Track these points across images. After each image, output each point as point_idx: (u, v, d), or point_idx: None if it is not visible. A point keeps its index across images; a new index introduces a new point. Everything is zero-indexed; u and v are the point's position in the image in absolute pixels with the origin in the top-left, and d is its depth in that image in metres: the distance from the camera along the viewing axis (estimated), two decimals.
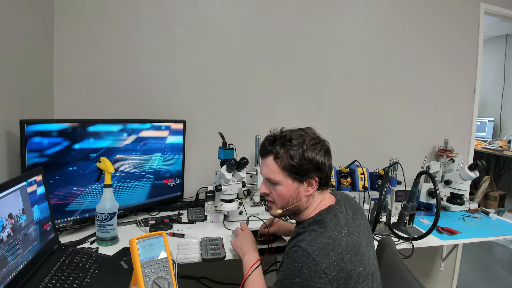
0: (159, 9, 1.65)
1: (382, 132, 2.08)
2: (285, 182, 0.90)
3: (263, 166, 0.94)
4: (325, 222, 0.86)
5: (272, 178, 0.91)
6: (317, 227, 0.85)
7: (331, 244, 0.80)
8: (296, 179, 0.90)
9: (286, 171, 0.89)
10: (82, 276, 0.91)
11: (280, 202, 0.94)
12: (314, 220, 0.89)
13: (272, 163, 0.90)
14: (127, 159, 1.42)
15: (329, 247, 0.79)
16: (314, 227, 0.86)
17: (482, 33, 2.22)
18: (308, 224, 0.89)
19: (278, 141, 0.90)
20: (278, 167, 0.89)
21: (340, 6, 1.94)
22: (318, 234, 0.83)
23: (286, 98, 1.89)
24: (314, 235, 0.83)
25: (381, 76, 2.05)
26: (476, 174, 1.71)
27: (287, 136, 0.90)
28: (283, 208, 0.94)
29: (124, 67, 1.63)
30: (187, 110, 1.73)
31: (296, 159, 0.87)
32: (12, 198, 0.83)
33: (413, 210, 1.45)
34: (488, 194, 3.88)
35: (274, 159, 0.90)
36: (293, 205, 0.92)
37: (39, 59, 1.42)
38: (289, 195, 0.91)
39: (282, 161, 0.88)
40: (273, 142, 0.91)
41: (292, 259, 0.80)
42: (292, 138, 0.90)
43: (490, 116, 4.29)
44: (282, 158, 0.88)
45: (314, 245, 0.79)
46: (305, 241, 0.81)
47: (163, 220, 1.43)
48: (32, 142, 1.11)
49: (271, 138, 0.93)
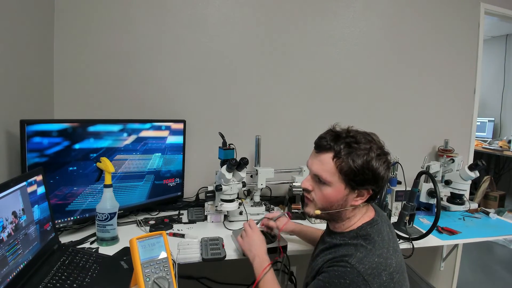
0: (159, 9, 1.65)
1: (382, 132, 2.04)
2: (336, 185, 0.81)
3: (314, 160, 0.84)
4: (372, 238, 0.80)
5: (324, 177, 0.81)
6: (364, 243, 0.78)
7: (383, 263, 0.74)
8: (349, 186, 0.81)
9: (342, 174, 0.79)
10: (82, 276, 0.91)
11: (323, 203, 0.85)
12: (358, 234, 0.82)
13: (329, 161, 0.80)
14: (127, 159, 1.42)
15: (381, 267, 0.74)
16: (361, 242, 0.79)
17: (482, 33, 2.22)
18: (350, 238, 0.82)
19: (343, 139, 0.81)
20: (335, 167, 0.80)
21: (340, 7, 1.94)
22: (368, 252, 0.76)
23: (286, 98, 1.89)
24: (365, 253, 0.76)
25: (381, 76, 2.05)
26: (476, 174, 1.71)
27: (355, 138, 0.81)
28: (323, 210, 0.85)
29: (124, 67, 1.63)
30: (187, 110, 1.73)
31: (358, 165, 0.78)
32: (12, 198, 0.83)
33: (413, 210, 1.45)
34: (488, 194, 3.88)
35: (333, 158, 0.80)
36: (336, 211, 0.84)
37: (39, 59, 1.42)
38: (335, 200, 0.83)
39: (342, 162, 0.79)
40: (337, 139, 0.81)
41: (338, 274, 0.73)
42: (360, 141, 0.80)
43: (490, 116, 4.29)
44: (343, 160, 0.79)
45: (366, 263, 0.73)
46: (354, 257, 0.74)
47: (163, 220, 1.43)
48: (32, 142, 1.11)
49: (335, 134, 0.83)
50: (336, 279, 0.73)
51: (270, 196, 1.79)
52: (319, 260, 0.85)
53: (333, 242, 0.85)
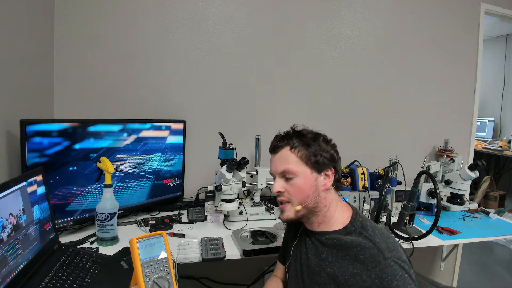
0: (159, 9, 1.65)
1: (382, 132, 2.08)
2: (303, 173, 0.85)
3: (276, 161, 0.88)
4: (369, 224, 0.85)
5: (290, 169, 0.85)
6: (370, 232, 0.82)
7: (395, 242, 0.82)
8: (314, 169, 0.85)
9: (304, 160, 0.85)
10: (82, 276, 0.91)
11: (299, 197, 0.86)
12: (355, 227, 0.84)
13: (288, 154, 0.86)
14: (127, 159, 1.42)
15: (397, 244, 0.81)
16: (365, 233, 0.82)
17: (482, 33, 2.22)
18: (350, 233, 0.84)
19: (292, 134, 0.88)
20: (295, 157, 0.85)
21: (340, 7, 1.94)
22: (381, 238, 0.80)
23: (286, 98, 1.89)
24: (381, 239, 0.80)
25: (381, 76, 2.05)
26: (476, 174, 1.71)
27: (301, 131, 0.89)
28: (302, 204, 0.86)
29: (124, 67, 1.63)
30: (187, 110, 1.73)
31: (313, 148, 0.85)
32: (12, 198, 0.83)
33: (413, 210, 1.45)
34: (488, 194, 3.88)
35: (290, 149, 0.86)
36: (313, 200, 0.86)
37: (39, 59, 1.42)
38: (308, 188, 0.85)
39: (300, 151, 0.85)
40: (287, 136, 0.88)
41: (391, 276, 0.74)
42: (306, 132, 0.89)
43: (490, 116, 4.28)
44: (299, 147, 0.85)
45: (393, 248, 0.78)
46: (385, 251, 0.77)
47: (163, 220, 1.43)
48: (32, 142, 1.11)
49: (283, 134, 0.90)
50: (397, 281, 0.74)
51: (270, 196, 1.79)
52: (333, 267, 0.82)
53: (335, 241, 0.84)
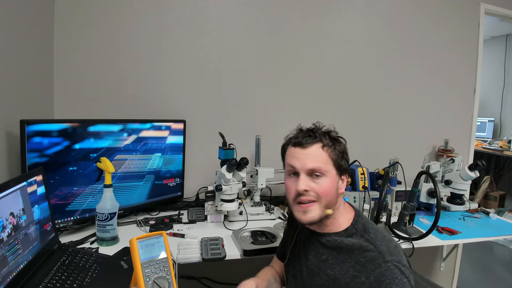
0: (159, 9, 1.65)
1: (382, 132, 2.08)
2: (331, 174, 0.82)
3: (304, 157, 0.82)
4: (371, 227, 0.84)
5: (321, 168, 0.81)
6: (372, 234, 0.81)
7: (397, 245, 0.80)
8: (338, 172, 0.84)
9: (333, 160, 0.82)
10: (82, 276, 0.91)
11: (327, 197, 0.81)
12: (357, 230, 0.83)
13: (320, 151, 0.82)
14: (127, 159, 1.42)
15: (398, 248, 0.80)
16: (367, 236, 0.81)
17: (482, 33, 2.22)
18: (352, 235, 0.83)
19: (320, 131, 0.85)
20: (327, 156, 0.82)
21: (340, 7, 1.94)
22: (382, 240, 0.79)
23: (286, 98, 1.89)
24: (382, 242, 0.79)
25: (381, 76, 2.05)
26: (476, 174, 1.71)
27: (329, 131, 0.87)
28: (328, 205, 0.82)
29: (124, 67, 1.63)
30: (187, 110, 1.72)
31: (341, 150, 0.84)
32: (12, 198, 0.83)
33: (413, 210, 1.45)
34: (488, 194, 3.88)
35: (322, 147, 0.82)
36: (336, 203, 0.84)
37: (39, 59, 1.42)
38: (334, 190, 0.83)
39: (332, 151, 0.82)
40: (315, 132, 0.85)
41: (390, 280, 0.73)
42: (330, 130, 0.86)
43: (490, 116, 4.28)
44: (330, 147, 0.83)
45: (394, 252, 0.77)
46: (386, 254, 0.76)
47: (163, 220, 1.43)
48: (32, 142, 1.11)
49: (309, 129, 0.87)
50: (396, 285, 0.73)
51: (270, 196, 1.79)
52: (334, 269, 0.82)
53: (336, 243, 0.83)
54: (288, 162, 0.85)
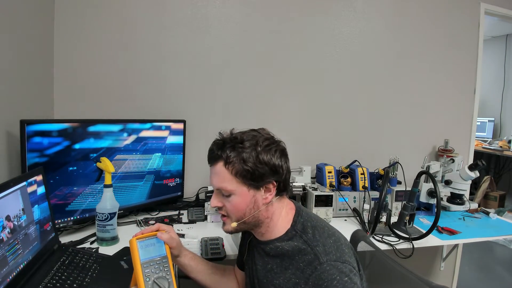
0: (159, 9, 1.65)
1: (382, 132, 2.08)
2: (239, 191, 0.79)
3: (212, 176, 0.83)
4: (310, 225, 0.80)
5: (224, 187, 0.79)
6: (309, 235, 0.78)
7: (337, 240, 0.77)
8: (251, 186, 0.79)
9: (239, 177, 0.78)
10: (82, 276, 0.91)
11: (236, 214, 0.81)
12: (296, 231, 0.80)
13: (222, 170, 0.79)
14: (127, 159, 1.42)
15: (338, 243, 0.77)
16: (305, 236, 0.78)
17: (482, 33, 2.22)
18: (292, 239, 0.79)
19: (228, 144, 0.80)
20: (230, 174, 0.78)
21: (340, 6, 1.94)
22: (319, 239, 0.76)
23: (286, 98, 1.89)
24: (319, 240, 0.76)
25: (381, 76, 2.05)
26: (476, 174, 1.71)
27: (238, 138, 0.80)
28: (239, 220, 0.81)
29: (124, 67, 1.63)
30: (187, 110, 1.73)
31: (250, 163, 0.77)
32: (12, 198, 0.83)
33: (413, 210, 1.45)
34: (488, 194, 3.88)
35: (225, 165, 0.79)
36: (251, 216, 0.80)
37: (39, 59, 1.42)
38: (245, 205, 0.80)
39: (234, 167, 0.77)
40: (223, 146, 0.80)
41: (328, 281, 0.69)
42: (244, 139, 0.79)
43: (490, 116, 4.29)
44: (234, 163, 0.78)
45: (330, 250, 0.74)
46: (321, 254, 0.73)
47: (163, 220, 1.43)
48: (32, 142, 1.11)
49: (220, 141, 0.82)
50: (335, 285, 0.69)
51: None
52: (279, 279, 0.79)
53: (278, 251, 0.81)
54: None
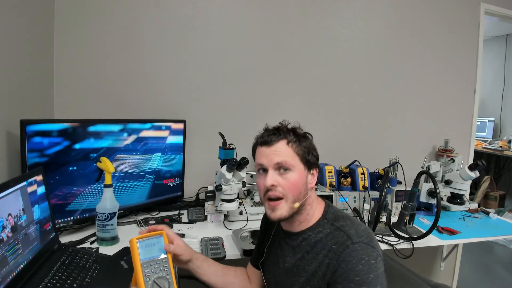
0: (159, 9, 1.65)
1: (382, 132, 2.08)
2: (298, 168, 0.84)
3: (270, 154, 0.84)
4: (342, 214, 0.86)
5: (288, 161, 0.82)
6: (342, 222, 0.83)
7: (367, 229, 0.82)
8: (306, 167, 0.85)
9: (299, 155, 0.84)
10: (82, 276, 0.91)
11: (293, 193, 0.83)
12: (328, 219, 0.85)
13: (285, 147, 0.84)
14: (127, 159, 1.42)
15: (369, 231, 0.81)
16: (337, 224, 0.82)
17: (482, 33, 2.22)
18: (324, 227, 0.84)
19: (285, 128, 0.88)
20: (292, 151, 0.84)
21: (340, 7, 1.94)
22: (352, 225, 0.81)
23: (286, 98, 1.89)
24: (352, 226, 0.80)
25: (381, 76, 2.05)
26: (476, 174, 1.70)
27: (294, 128, 0.89)
28: (295, 201, 0.83)
29: (125, 67, 1.63)
30: (187, 110, 1.72)
31: (307, 145, 0.86)
32: (12, 198, 0.83)
33: (413, 210, 1.45)
34: (488, 194, 3.88)
35: (287, 143, 0.84)
36: (303, 198, 0.84)
37: (39, 59, 1.42)
38: (302, 183, 0.84)
39: (296, 146, 0.84)
40: (280, 130, 0.87)
41: (356, 260, 0.74)
42: (296, 128, 0.89)
43: (490, 116, 4.28)
44: (295, 142, 0.85)
45: (362, 234, 0.78)
46: (353, 236, 0.77)
47: (163, 220, 1.43)
48: (32, 142, 1.11)
49: (274, 128, 0.89)
50: (359, 265, 0.73)
51: None
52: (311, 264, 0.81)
53: (310, 239, 0.84)
54: (257, 161, 0.88)
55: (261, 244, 1.02)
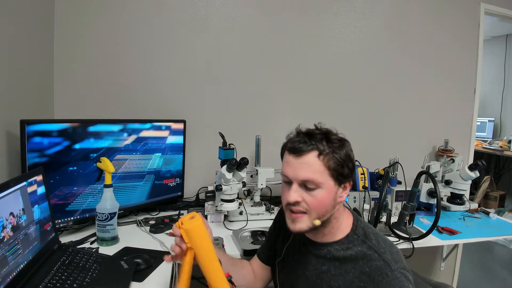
0: (159, 9, 1.65)
1: (382, 132, 2.08)
2: (327, 185, 0.75)
3: (298, 166, 0.75)
4: (371, 231, 0.80)
5: (315, 180, 0.73)
6: (374, 241, 0.78)
7: (398, 250, 0.78)
8: (337, 181, 0.76)
9: (331, 170, 0.74)
10: (82, 276, 0.91)
11: (319, 210, 0.75)
12: (358, 235, 0.80)
13: (315, 160, 0.74)
14: (127, 159, 1.42)
15: (400, 252, 0.77)
16: (369, 243, 0.77)
17: (482, 33, 2.22)
18: (354, 243, 0.79)
19: (319, 135, 0.76)
20: (323, 166, 0.74)
21: (340, 7, 1.94)
22: (385, 247, 0.76)
23: (286, 98, 1.89)
24: (385, 247, 0.76)
25: (381, 76, 2.05)
26: (476, 174, 1.71)
27: (329, 134, 0.78)
28: (320, 218, 0.76)
29: (124, 67, 1.63)
30: (187, 110, 1.73)
31: (342, 157, 0.75)
32: (12, 198, 0.83)
33: (413, 210, 1.45)
34: (488, 194, 3.88)
35: (319, 156, 0.74)
36: (330, 213, 0.77)
37: (39, 59, 1.42)
38: (329, 201, 0.76)
39: (329, 160, 0.74)
40: (313, 137, 0.76)
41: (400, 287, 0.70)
42: (332, 133, 0.78)
43: (490, 116, 4.29)
44: (328, 154, 0.74)
45: (397, 259, 0.75)
46: (391, 262, 0.73)
47: (163, 220, 1.43)
48: (33, 142, 1.11)
49: (308, 133, 0.77)
50: None
51: (270, 196, 1.78)
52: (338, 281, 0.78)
53: (338, 254, 0.79)
54: (283, 169, 0.80)
55: (276, 241, 0.96)
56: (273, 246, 0.98)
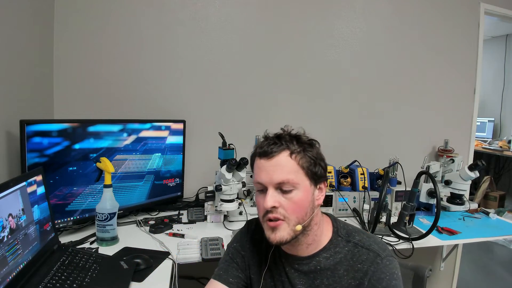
0: (159, 9, 1.65)
1: (382, 132, 2.08)
2: (303, 185, 0.72)
3: (270, 169, 0.72)
4: (352, 228, 0.81)
5: (290, 180, 0.71)
6: (356, 237, 0.78)
7: (380, 239, 0.82)
8: (313, 181, 0.74)
9: (304, 169, 0.72)
10: (82, 276, 0.91)
11: (298, 214, 0.72)
12: (342, 236, 0.78)
13: (288, 160, 0.71)
14: (127, 159, 1.42)
15: (384, 242, 0.80)
16: (353, 240, 0.77)
17: (482, 33, 2.22)
18: (341, 246, 0.77)
19: (288, 136, 0.75)
20: (296, 164, 0.72)
21: (340, 7, 1.94)
22: (369, 239, 0.77)
23: (285, 98, 1.89)
24: (369, 240, 0.77)
25: (381, 76, 2.05)
26: (476, 174, 1.70)
27: (297, 134, 0.76)
28: (300, 222, 0.72)
29: (124, 67, 1.63)
30: (187, 110, 1.73)
31: (313, 157, 0.73)
32: (12, 198, 0.83)
33: (413, 210, 1.45)
34: (488, 194, 3.88)
35: (290, 155, 0.72)
36: (309, 218, 0.74)
37: (39, 59, 1.42)
38: (307, 203, 0.73)
39: (301, 158, 0.72)
40: (282, 138, 0.74)
41: (389, 275, 0.71)
42: (303, 137, 0.76)
43: (490, 116, 4.28)
44: (299, 153, 0.72)
45: (383, 247, 0.76)
46: (379, 251, 0.74)
47: (163, 220, 1.43)
48: (32, 142, 1.11)
49: (276, 136, 0.76)
50: (393, 280, 0.71)
51: None
52: None
53: (327, 263, 0.76)
54: (255, 177, 0.76)
55: (247, 269, 0.86)
56: (247, 274, 0.86)
